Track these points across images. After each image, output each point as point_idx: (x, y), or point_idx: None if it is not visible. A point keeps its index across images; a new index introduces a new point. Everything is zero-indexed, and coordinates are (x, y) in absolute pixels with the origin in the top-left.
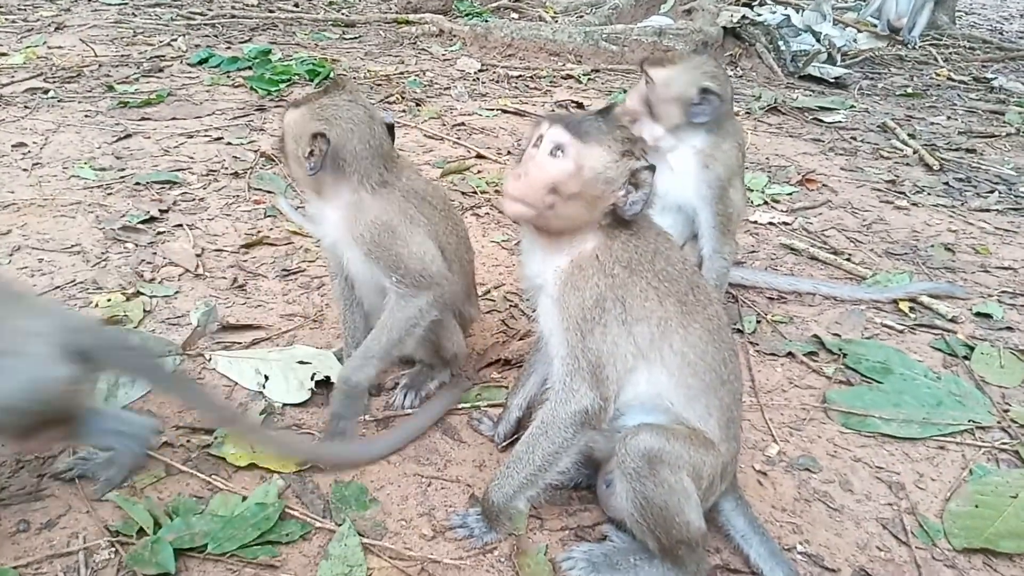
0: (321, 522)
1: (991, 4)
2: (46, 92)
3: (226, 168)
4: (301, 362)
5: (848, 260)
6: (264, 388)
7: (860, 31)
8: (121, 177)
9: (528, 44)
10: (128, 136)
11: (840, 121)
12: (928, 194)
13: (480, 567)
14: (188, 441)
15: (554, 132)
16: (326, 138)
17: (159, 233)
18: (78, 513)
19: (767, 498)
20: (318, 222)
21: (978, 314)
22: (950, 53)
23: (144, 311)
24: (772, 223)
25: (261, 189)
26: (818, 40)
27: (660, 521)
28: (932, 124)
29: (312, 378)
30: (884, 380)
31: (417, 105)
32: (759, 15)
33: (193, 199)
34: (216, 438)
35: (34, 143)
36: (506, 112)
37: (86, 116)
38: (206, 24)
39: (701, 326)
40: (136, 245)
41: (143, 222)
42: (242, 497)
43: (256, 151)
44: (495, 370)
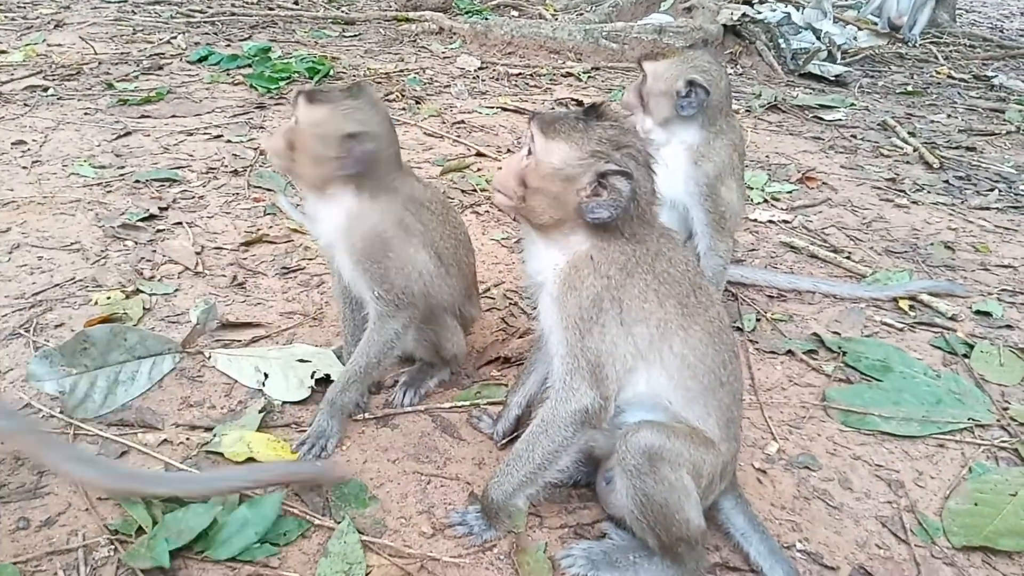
0: (320, 520)
1: (992, 2)
2: (45, 90)
3: (226, 166)
4: (301, 360)
5: (848, 258)
6: (264, 386)
7: (860, 29)
8: (121, 175)
9: (528, 42)
10: (128, 134)
11: (840, 119)
12: (928, 192)
13: (479, 564)
14: (187, 439)
15: (531, 127)
16: (358, 139)
17: (159, 231)
18: (77, 511)
19: (766, 496)
20: (316, 221)
21: (978, 312)
22: (950, 51)
23: (144, 309)
24: (772, 221)
25: (261, 187)
26: (818, 38)
27: (660, 518)
28: (932, 122)
29: (312, 376)
30: (884, 378)
31: (417, 103)
32: (759, 13)
33: (193, 197)
34: (215, 435)
35: (34, 141)
36: (506, 110)
37: (86, 114)
38: (206, 22)
39: (702, 328)
40: (136, 243)
41: (143, 220)
42: (241, 497)
43: (256, 149)
44: (495, 368)
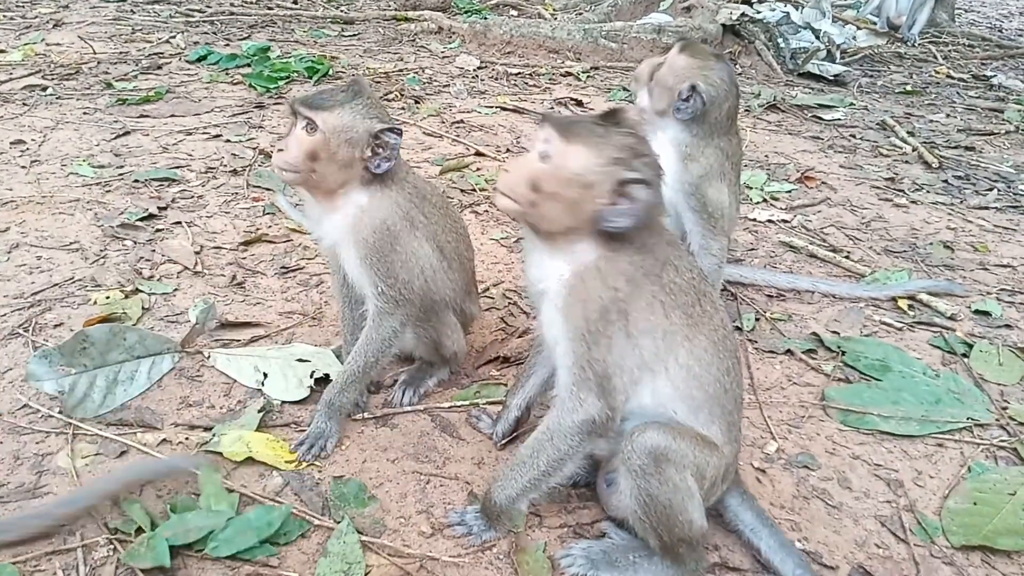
0: (320, 519)
1: (991, 2)
2: (44, 89)
3: (225, 165)
4: (300, 360)
5: (847, 258)
6: (263, 386)
7: (859, 28)
8: (120, 174)
9: (527, 41)
10: (127, 133)
11: (839, 119)
12: (927, 192)
13: (479, 564)
14: (186, 438)
15: (545, 130)
16: (386, 137)
17: (158, 230)
18: None
19: (766, 495)
20: (318, 223)
21: (977, 312)
22: (949, 51)
23: (143, 308)
24: (771, 221)
25: (260, 187)
26: (817, 37)
27: (663, 519)
28: (931, 122)
29: (311, 375)
30: (883, 378)
31: (416, 102)
32: (758, 12)
33: (192, 196)
34: (214, 435)
35: (32, 140)
36: (505, 109)
37: (84, 113)
38: (205, 21)
39: (707, 337)
40: (135, 242)
41: (142, 219)
42: (240, 496)
43: (255, 148)
44: (494, 367)
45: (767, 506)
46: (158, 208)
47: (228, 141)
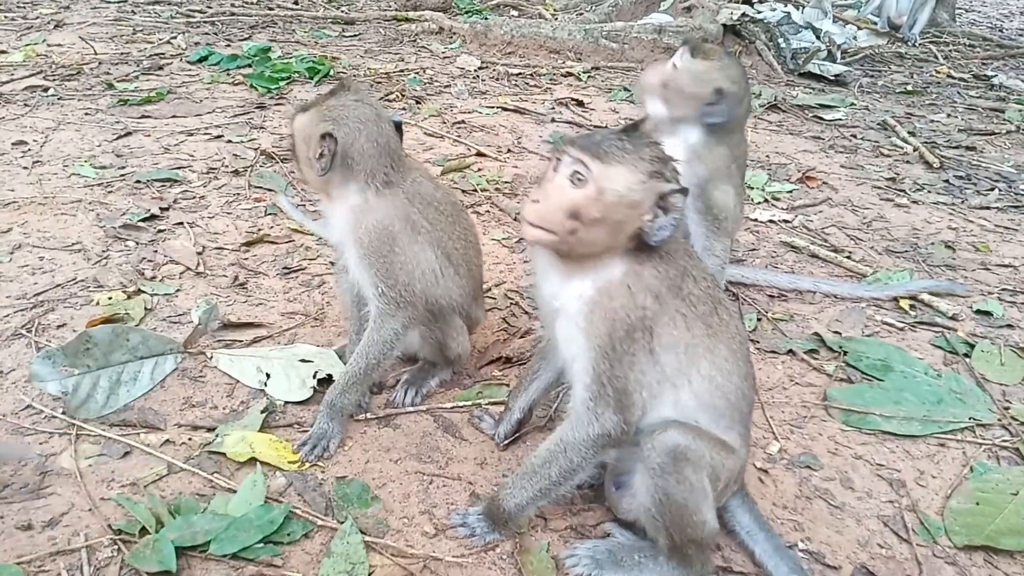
0: (323, 520)
1: (991, 1)
2: (46, 90)
3: (226, 166)
4: (303, 360)
5: (848, 258)
6: (265, 386)
7: (860, 28)
8: (121, 175)
9: (528, 41)
10: (128, 134)
11: (840, 119)
12: (928, 192)
13: (482, 564)
14: (190, 439)
15: (573, 153)
16: (334, 138)
17: (160, 231)
18: (80, 511)
19: (768, 495)
20: (326, 221)
21: (978, 312)
22: (950, 50)
23: (145, 309)
24: (772, 221)
25: (262, 187)
26: (818, 37)
27: (677, 518)
28: (932, 122)
29: (314, 376)
30: (885, 378)
31: (417, 103)
32: (759, 12)
33: (194, 197)
34: (217, 436)
35: (34, 141)
36: (506, 110)
37: (86, 114)
38: (206, 22)
39: (726, 347)
40: (137, 243)
41: (144, 220)
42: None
43: (256, 149)
44: (496, 368)
45: (770, 506)
46: (160, 209)
47: (230, 142)
